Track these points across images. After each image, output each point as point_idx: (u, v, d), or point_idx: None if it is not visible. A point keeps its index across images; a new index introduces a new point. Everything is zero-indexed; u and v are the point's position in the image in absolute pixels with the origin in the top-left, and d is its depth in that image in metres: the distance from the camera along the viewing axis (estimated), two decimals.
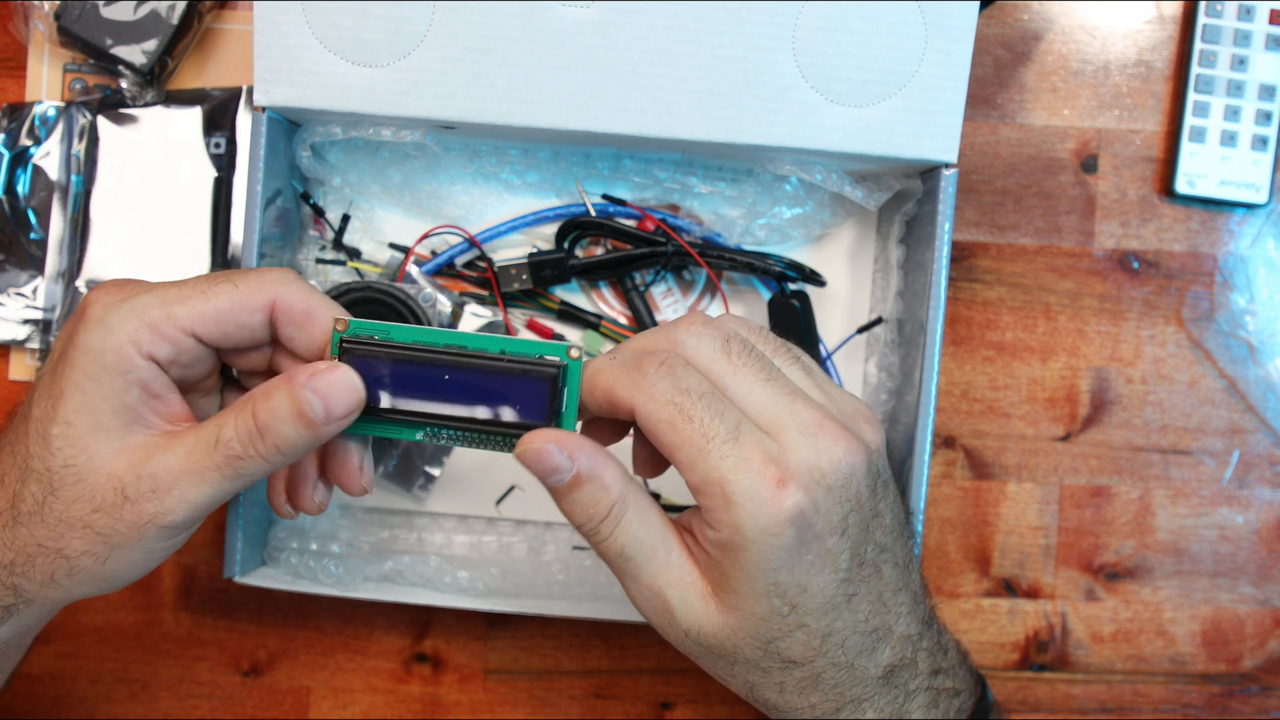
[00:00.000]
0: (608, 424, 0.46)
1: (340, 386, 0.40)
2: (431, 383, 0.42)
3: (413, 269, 0.62)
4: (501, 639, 0.67)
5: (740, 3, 0.54)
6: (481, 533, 0.64)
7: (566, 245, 0.63)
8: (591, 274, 0.63)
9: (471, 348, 0.42)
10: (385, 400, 0.42)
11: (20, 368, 0.65)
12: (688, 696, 0.67)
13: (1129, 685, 0.68)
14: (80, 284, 0.63)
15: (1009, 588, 0.68)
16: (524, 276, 0.62)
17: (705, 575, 0.41)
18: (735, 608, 0.40)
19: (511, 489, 0.65)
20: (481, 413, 0.43)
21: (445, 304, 0.61)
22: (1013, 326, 0.67)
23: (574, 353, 0.42)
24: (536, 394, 0.42)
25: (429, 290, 0.58)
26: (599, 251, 0.64)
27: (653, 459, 0.45)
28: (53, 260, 0.64)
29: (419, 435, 0.43)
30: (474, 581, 0.61)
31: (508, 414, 0.43)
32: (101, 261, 0.64)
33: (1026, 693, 0.68)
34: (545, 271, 0.62)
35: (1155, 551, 0.68)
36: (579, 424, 0.44)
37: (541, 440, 0.41)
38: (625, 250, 0.62)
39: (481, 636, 0.67)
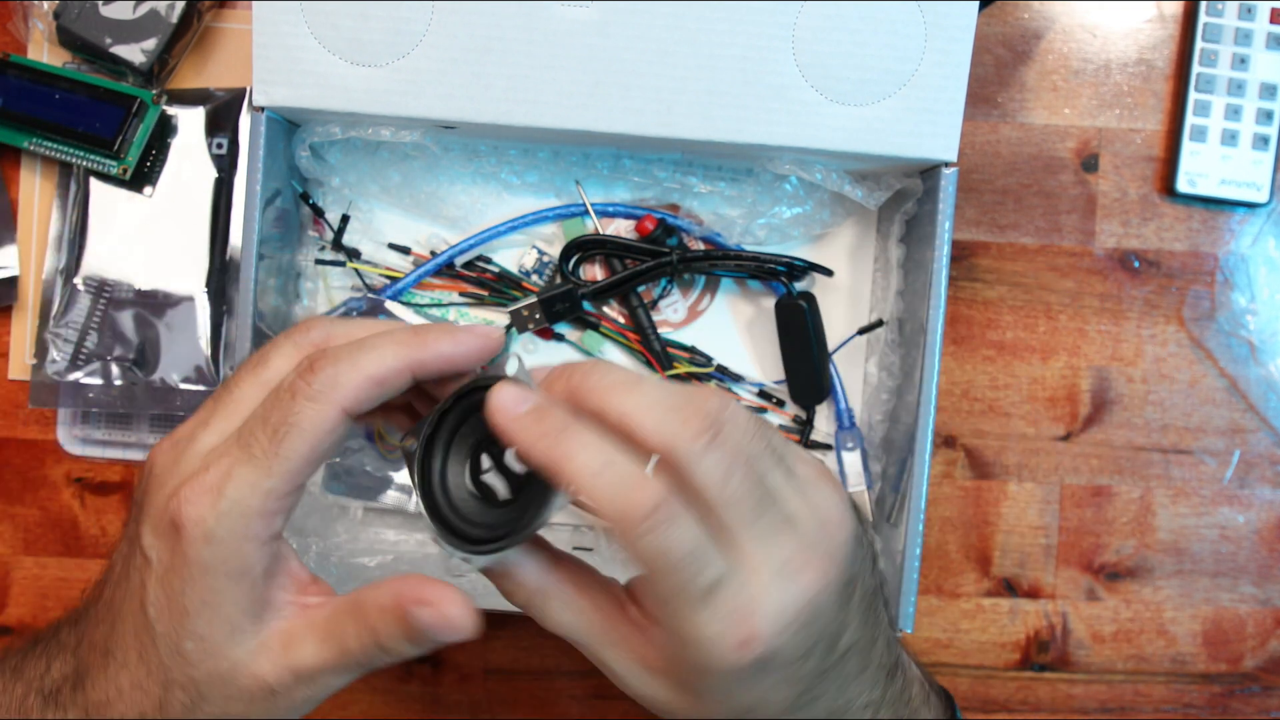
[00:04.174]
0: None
1: (449, 621, 0.38)
2: None
3: (389, 303, 0.62)
4: (501, 639, 0.67)
5: (739, 2, 0.54)
6: None
7: (570, 268, 0.63)
8: (601, 297, 0.63)
9: None
10: None
11: (19, 367, 0.65)
12: None
13: (1130, 685, 0.68)
14: (78, 281, 0.63)
15: (1009, 587, 0.67)
16: (537, 316, 0.62)
17: (661, 657, 0.39)
18: (691, 700, 0.39)
19: None
20: None
21: None
22: (1013, 326, 0.67)
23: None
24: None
25: (408, 322, 0.58)
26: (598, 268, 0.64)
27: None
28: (51, 258, 0.64)
29: None
30: (474, 582, 0.61)
31: None
32: (100, 259, 0.64)
33: (1027, 693, 0.68)
34: (557, 306, 0.62)
35: (1156, 551, 0.68)
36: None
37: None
38: (633, 267, 0.62)
39: (482, 636, 0.67)
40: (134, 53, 0.62)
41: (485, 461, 0.38)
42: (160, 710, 0.39)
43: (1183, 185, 0.66)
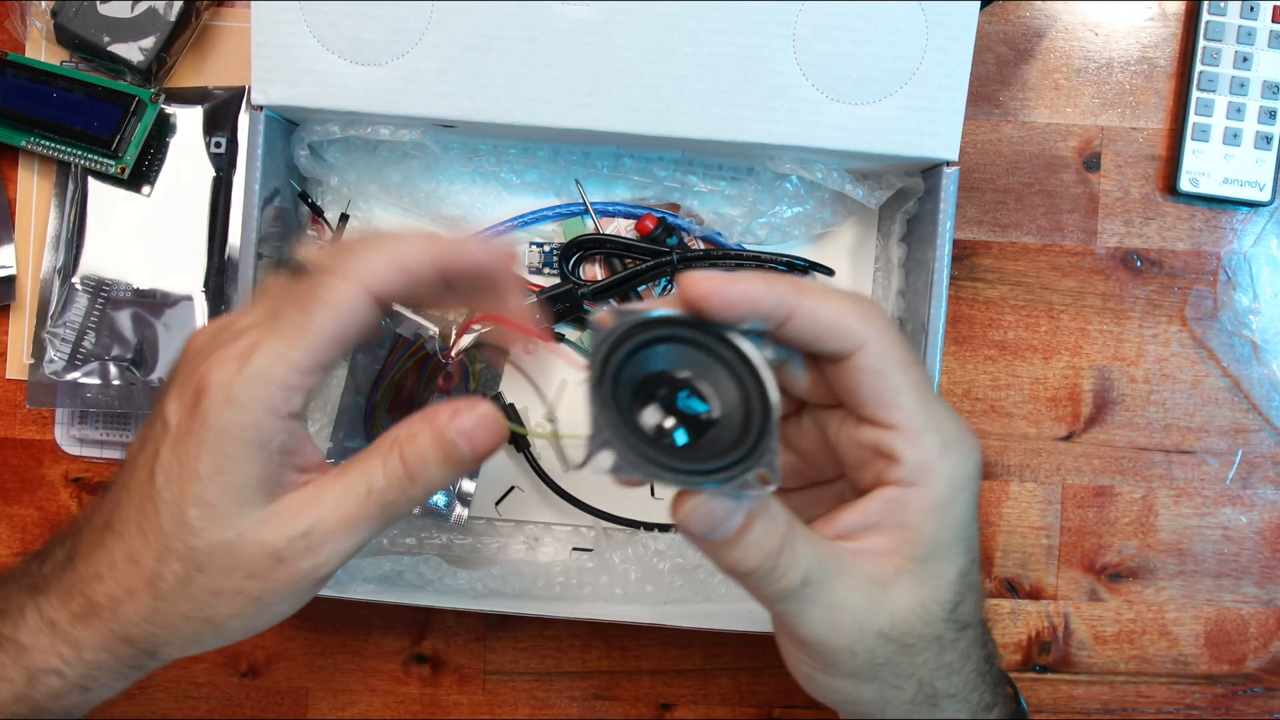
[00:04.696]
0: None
1: (484, 425, 0.38)
2: None
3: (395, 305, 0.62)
4: (501, 640, 0.67)
5: (740, 1, 0.54)
6: (480, 534, 0.64)
7: (570, 267, 0.63)
8: (601, 297, 0.63)
9: None
10: None
11: (17, 367, 0.65)
12: (688, 697, 0.67)
13: (1132, 686, 0.68)
14: (76, 281, 0.63)
15: (1011, 588, 0.67)
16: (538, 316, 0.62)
17: (885, 560, 0.38)
18: (929, 576, 0.39)
19: (511, 489, 0.64)
20: None
21: (432, 330, 0.60)
22: (1015, 325, 0.67)
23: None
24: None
25: (411, 319, 0.57)
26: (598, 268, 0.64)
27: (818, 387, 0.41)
28: (49, 257, 0.64)
29: None
30: (473, 583, 0.61)
31: None
32: (98, 259, 0.64)
33: (1029, 693, 0.67)
34: (558, 306, 0.62)
35: (1158, 552, 0.67)
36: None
37: (698, 496, 0.35)
38: (633, 267, 0.62)
39: (481, 637, 0.67)
40: (132, 51, 0.62)
41: (657, 417, 0.36)
42: (150, 585, 0.38)
43: (1185, 184, 0.66)
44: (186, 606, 0.38)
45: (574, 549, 0.64)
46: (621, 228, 0.64)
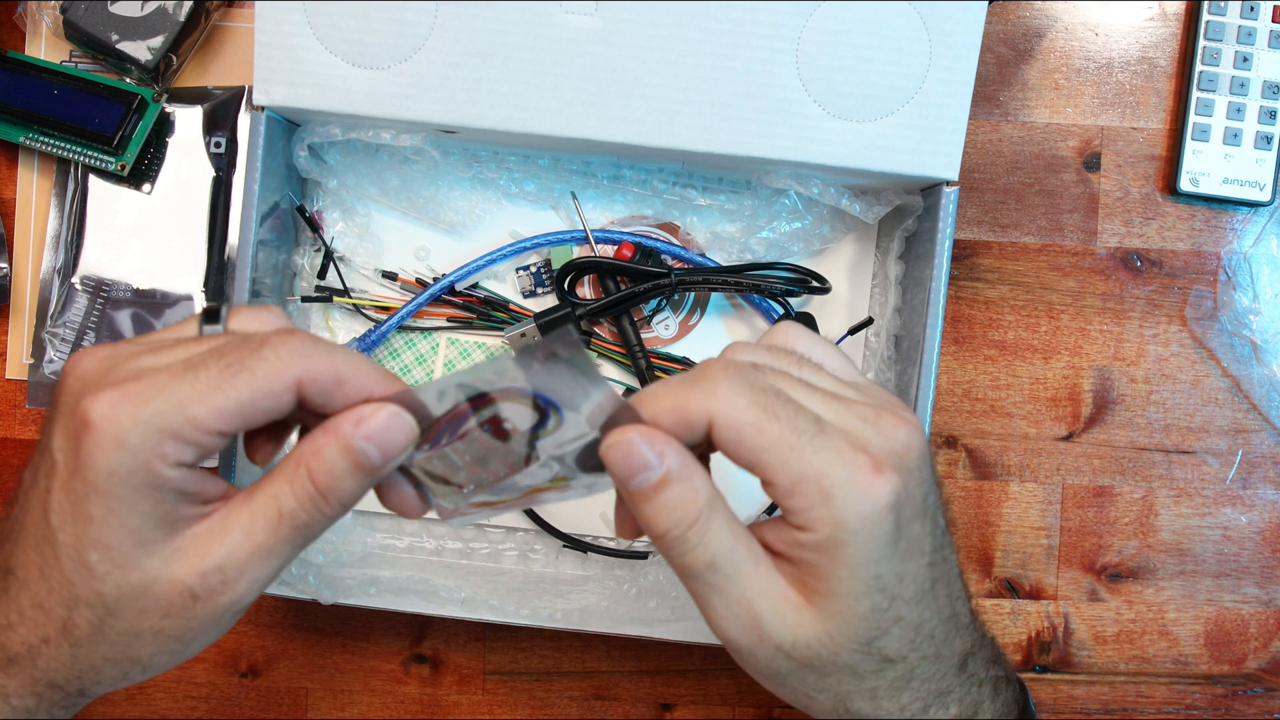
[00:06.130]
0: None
1: (392, 427, 0.37)
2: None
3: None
4: (501, 640, 0.67)
5: (745, 15, 0.54)
6: (471, 539, 0.64)
7: (566, 287, 0.62)
8: (598, 316, 0.63)
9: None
10: None
11: (17, 367, 0.65)
12: (688, 698, 0.67)
13: (1132, 686, 0.68)
14: (76, 281, 0.63)
15: (1011, 588, 0.67)
16: (536, 339, 0.62)
17: (796, 585, 0.39)
18: (835, 611, 0.38)
19: None
20: None
21: None
22: (1015, 326, 0.67)
23: None
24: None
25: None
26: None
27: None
28: (49, 257, 0.64)
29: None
30: (470, 589, 0.61)
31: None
32: (98, 258, 0.63)
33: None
34: (555, 329, 0.62)
35: (1158, 552, 0.67)
36: None
37: (628, 433, 0.37)
38: (630, 289, 0.62)
39: (481, 638, 0.67)
40: (140, 50, 0.62)
41: None
42: (64, 633, 0.37)
43: (1185, 184, 0.66)
44: (106, 650, 0.38)
45: (564, 545, 0.64)
46: (608, 252, 0.63)
